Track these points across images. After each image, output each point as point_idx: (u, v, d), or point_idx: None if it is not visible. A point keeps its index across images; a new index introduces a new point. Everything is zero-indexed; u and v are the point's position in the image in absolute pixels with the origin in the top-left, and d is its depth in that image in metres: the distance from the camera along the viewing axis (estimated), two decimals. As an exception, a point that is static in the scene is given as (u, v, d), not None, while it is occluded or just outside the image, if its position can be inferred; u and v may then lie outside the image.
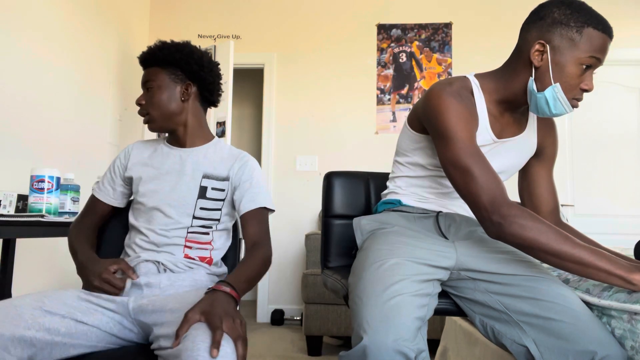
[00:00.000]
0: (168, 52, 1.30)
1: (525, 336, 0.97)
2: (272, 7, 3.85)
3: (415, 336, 0.90)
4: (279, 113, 3.78)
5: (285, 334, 3.19)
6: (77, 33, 2.86)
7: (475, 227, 1.20)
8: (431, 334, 2.50)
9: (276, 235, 3.69)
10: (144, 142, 1.40)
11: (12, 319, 0.93)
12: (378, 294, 0.96)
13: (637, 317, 0.89)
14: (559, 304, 0.96)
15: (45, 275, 2.58)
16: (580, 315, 0.93)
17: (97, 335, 1.05)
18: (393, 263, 1.02)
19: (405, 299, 0.95)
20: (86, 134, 2.95)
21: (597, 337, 0.89)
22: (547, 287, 1.00)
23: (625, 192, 3.63)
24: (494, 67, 1.26)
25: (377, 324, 0.90)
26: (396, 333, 0.88)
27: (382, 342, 0.87)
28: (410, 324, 0.91)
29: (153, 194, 1.26)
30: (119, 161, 1.37)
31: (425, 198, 1.27)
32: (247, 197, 1.27)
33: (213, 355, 0.84)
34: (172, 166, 1.30)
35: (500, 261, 1.07)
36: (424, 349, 0.91)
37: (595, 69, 1.07)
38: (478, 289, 1.07)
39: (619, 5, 3.68)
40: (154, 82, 1.29)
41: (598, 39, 1.03)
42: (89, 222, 1.34)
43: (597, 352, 0.87)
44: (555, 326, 0.93)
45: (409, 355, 0.87)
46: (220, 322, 0.90)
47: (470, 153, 1.04)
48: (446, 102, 1.09)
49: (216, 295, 0.98)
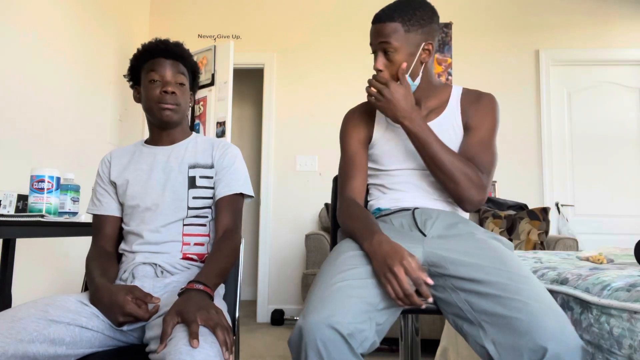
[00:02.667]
0: (189, 55, 1.35)
1: (485, 336, 0.95)
2: (272, 7, 3.85)
3: (355, 316, 0.90)
4: (279, 113, 3.78)
5: (285, 334, 3.19)
6: (77, 33, 2.86)
7: (452, 222, 1.21)
8: (431, 334, 2.50)
9: (276, 235, 3.70)
10: (120, 150, 1.39)
11: (16, 333, 0.92)
12: (326, 280, 0.99)
13: (637, 316, 0.89)
14: (518, 300, 0.93)
15: (46, 276, 2.58)
16: (536, 310, 0.90)
17: (100, 340, 1.05)
18: (351, 255, 1.08)
19: (351, 283, 0.98)
20: (86, 134, 2.95)
21: (550, 333, 0.86)
22: (511, 282, 0.97)
23: (625, 192, 3.63)
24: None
25: (316, 306, 0.92)
26: (330, 310, 0.89)
27: (315, 320, 0.88)
28: (350, 305, 0.92)
29: (144, 194, 1.26)
30: (102, 172, 1.36)
31: (400, 198, 1.31)
32: (223, 182, 1.29)
33: (193, 346, 0.85)
34: (157, 164, 1.30)
35: (468, 252, 1.08)
36: (365, 329, 0.91)
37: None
38: (447, 286, 1.06)
39: (619, 6, 3.69)
40: (185, 79, 1.31)
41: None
42: (101, 249, 1.27)
43: (548, 348, 0.84)
44: (512, 323, 0.91)
45: (341, 332, 0.87)
46: (194, 316, 0.92)
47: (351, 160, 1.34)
48: (344, 133, 1.41)
49: (189, 294, 1.00)
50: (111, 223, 1.32)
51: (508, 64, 3.64)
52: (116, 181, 1.31)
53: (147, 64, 1.30)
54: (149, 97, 1.28)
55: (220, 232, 1.24)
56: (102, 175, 1.35)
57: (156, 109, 1.28)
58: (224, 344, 0.91)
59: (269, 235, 3.70)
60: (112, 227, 1.32)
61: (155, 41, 1.32)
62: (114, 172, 1.33)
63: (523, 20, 3.69)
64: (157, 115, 1.29)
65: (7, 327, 0.93)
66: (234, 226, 1.25)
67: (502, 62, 3.64)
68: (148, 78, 1.28)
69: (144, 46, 1.33)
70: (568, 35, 3.71)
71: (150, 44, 1.32)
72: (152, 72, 1.28)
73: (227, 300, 1.29)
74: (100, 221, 1.32)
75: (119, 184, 1.31)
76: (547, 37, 3.68)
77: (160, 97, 1.27)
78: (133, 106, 3.55)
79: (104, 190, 1.34)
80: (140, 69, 1.33)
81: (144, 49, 1.32)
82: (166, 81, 1.28)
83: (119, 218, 1.33)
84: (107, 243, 1.30)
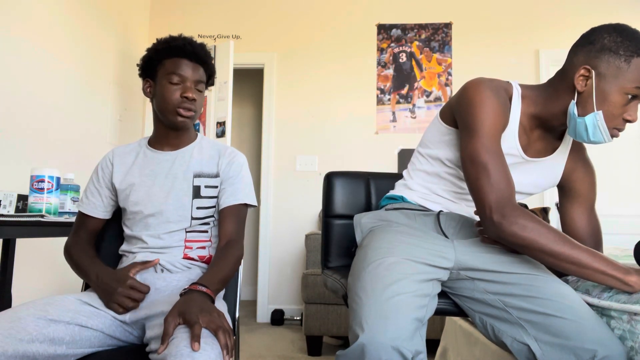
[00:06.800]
0: (211, 58, 1.31)
1: (526, 334, 0.97)
2: (272, 7, 3.85)
3: (413, 337, 0.90)
4: (279, 113, 3.78)
5: (285, 334, 3.19)
6: (77, 33, 2.86)
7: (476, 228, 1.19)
8: (431, 334, 2.49)
9: (276, 235, 3.69)
10: (124, 148, 1.35)
11: (16, 333, 0.92)
12: (377, 293, 0.95)
13: (637, 318, 0.89)
14: (558, 302, 0.95)
15: (45, 275, 2.58)
16: (581, 312, 0.93)
17: (100, 340, 1.05)
18: (392, 262, 1.02)
19: (404, 299, 0.94)
20: (86, 134, 2.95)
21: (598, 336, 0.89)
22: (547, 286, 0.99)
23: (625, 192, 3.63)
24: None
25: (375, 323, 0.89)
26: (394, 332, 0.88)
27: (379, 341, 0.87)
28: (408, 325, 0.90)
29: (148, 200, 1.24)
30: (101, 171, 1.32)
31: (432, 196, 1.26)
32: (229, 191, 1.27)
33: (194, 349, 0.85)
34: (162, 170, 1.27)
35: (500, 260, 1.07)
36: (421, 350, 0.90)
37: None
38: (477, 289, 1.07)
39: (619, 6, 3.68)
40: (204, 86, 1.29)
41: None
42: (84, 238, 1.29)
43: (597, 350, 0.87)
44: (556, 323, 0.93)
45: (406, 355, 0.86)
46: (196, 317, 0.92)
47: (490, 150, 1.04)
48: (482, 95, 1.08)
49: (191, 295, 1.00)
50: (96, 224, 1.32)
51: (508, 64, 3.65)
52: (118, 185, 1.28)
53: (169, 61, 1.23)
54: (167, 98, 1.22)
55: (224, 241, 1.22)
56: (100, 175, 1.31)
57: (173, 113, 1.23)
58: (225, 347, 0.91)
59: (269, 235, 3.70)
60: (95, 228, 1.32)
61: (181, 39, 1.26)
62: (116, 175, 1.29)
63: (523, 20, 3.69)
64: (172, 120, 1.24)
65: (6, 327, 0.93)
66: (237, 236, 1.24)
67: (502, 62, 3.65)
68: (168, 78, 1.22)
69: (168, 41, 1.25)
70: (568, 35, 3.70)
71: (176, 40, 1.25)
72: (173, 74, 1.22)
73: (227, 300, 1.29)
74: (86, 220, 1.31)
75: (122, 189, 1.27)
76: (547, 37, 3.68)
77: (180, 102, 1.22)
78: (133, 106, 3.55)
79: (95, 190, 1.31)
80: (158, 63, 1.26)
81: (168, 44, 1.25)
82: (187, 86, 1.22)
83: (102, 220, 1.32)
84: (87, 238, 1.30)
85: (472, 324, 1.22)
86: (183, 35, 1.28)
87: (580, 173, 1.26)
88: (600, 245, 1.25)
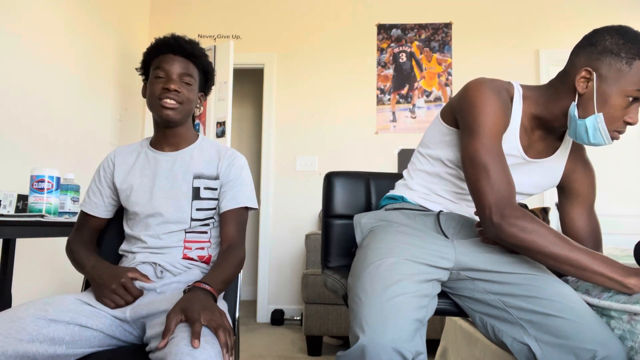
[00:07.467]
0: (203, 54, 1.30)
1: (527, 334, 0.97)
2: (272, 7, 3.85)
3: (413, 338, 0.90)
4: (279, 113, 3.78)
5: (285, 334, 3.19)
6: (77, 33, 2.86)
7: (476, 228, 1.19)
8: (431, 334, 2.50)
9: (276, 235, 3.70)
10: (126, 148, 1.35)
11: (16, 333, 0.92)
12: (377, 294, 0.95)
13: (637, 318, 0.89)
14: (558, 302, 0.95)
15: (46, 275, 2.58)
16: (581, 313, 0.93)
17: (100, 340, 1.05)
18: (392, 262, 1.02)
19: (404, 299, 0.95)
20: (86, 134, 2.95)
21: (598, 336, 0.89)
22: (547, 286, 0.99)
23: (625, 192, 3.63)
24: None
25: (376, 324, 0.90)
26: (394, 333, 0.88)
27: (380, 342, 0.87)
28: (408, 326, 0.90)
29: (147, 202, 1.24)
30: (103, 171, 1.33)
31: (433, 196, 1.26)
32: (229, 194, 1.27)
33: (194, 346, 0.86)
34: (162, 171, 1.27)
35: (500, 260, 1.07)
36: (422, 351, 0.90)
37: None
38: (477, 289, 1.07)
39: (619, 6, 3.68)
40: (192, 79, 1.27)
41: None
42: (86, 237, 1.31)
43: (597, 351, 0.87)
44: (556, 323, 0.93)
45: (406, 356, 0.86)
46: (198, 315, 0.92)
47: (491, 151, 1.04)
48: (484, 95, 1.08)
49: (194, 293, 1.01)
50: (97, 224, 1.33)
51: (508, 64, 3.65)
52: (119, 185, 1.29)
53: (156, 59, 1.26)
54: (151, 92, 1.24)
55: (225, 244, 1.23)
56: (102, 175, 1.32)
57: (156, 106, 1.23)
58: (225, 346, 0.91)
59: (269, 235, 3.70)
60: (96, 227, 1.34)
61: (168, 36, 1.28)
62: (117, 176, 1.30)
63: (523, 20, 3.69)
64: (158, 114, 1.25)
65: (6, 327, 0.93)
66: (239, 240, 1.25)
67: (502, 62, 3.65)
68: (154, 73, 1.24)
69: (157, 40, 1.28)
70: (568, 35, 3.70)
71: (163, 39, 1.27)
72: (158, 68, 1.24)
73: (227, 300, 1.29)
74: (88, 219, 1.33)
75: (123, 189, 1.28)
76: (547, 37, 3.68)
77: (161, 93, 1.22)
78: (133, 106, 3.55)
79: (97, 190, 1.32)
80: (149, 63, 1.28)
81: (156, 43, 1.28)
82: (170, 78, 1.23)
83: (104, 219, 1.33)
84: (88, 237, 1.31)
85: (472, 324, 1.22)
86: (173, 34, 1.29)
87: (580, 173, 1.26)
88: (599, 245, 1.25)
